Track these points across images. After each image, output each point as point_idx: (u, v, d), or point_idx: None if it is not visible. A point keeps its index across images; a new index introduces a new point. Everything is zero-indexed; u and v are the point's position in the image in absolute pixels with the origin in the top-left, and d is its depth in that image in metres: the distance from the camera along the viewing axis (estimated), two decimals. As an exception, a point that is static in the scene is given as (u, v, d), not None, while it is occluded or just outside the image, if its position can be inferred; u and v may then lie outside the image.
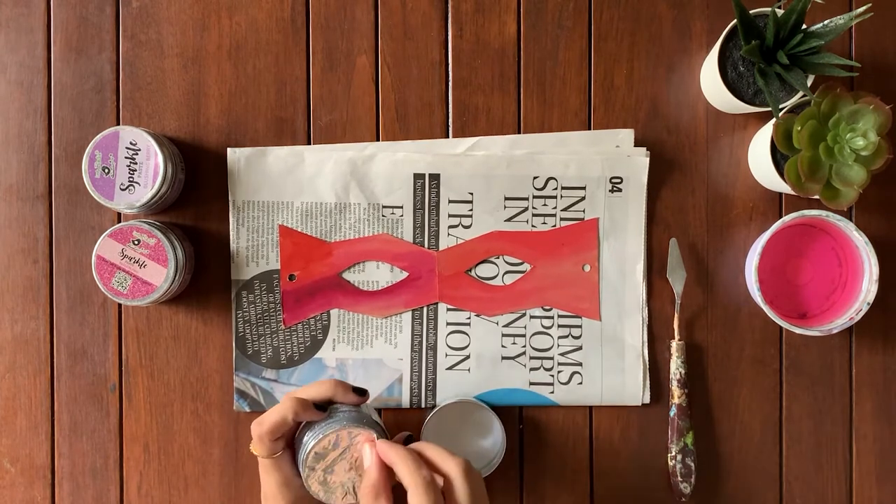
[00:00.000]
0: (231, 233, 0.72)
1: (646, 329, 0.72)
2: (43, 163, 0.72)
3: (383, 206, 0.72)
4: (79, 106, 0.72)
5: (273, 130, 0.72)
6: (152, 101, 0.72)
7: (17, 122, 0.72)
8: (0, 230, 0.72)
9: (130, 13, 0.72)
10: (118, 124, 0.72)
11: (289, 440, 0.61)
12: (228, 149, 0.72)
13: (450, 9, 0.73)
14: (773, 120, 0.66)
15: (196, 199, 0.72)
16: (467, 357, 0.72)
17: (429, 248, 0.72)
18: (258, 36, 0.73)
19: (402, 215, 0.72)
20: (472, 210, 0.72)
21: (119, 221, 0.72)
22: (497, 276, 0.72)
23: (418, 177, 0.72)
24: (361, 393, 0.62)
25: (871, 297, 0.68)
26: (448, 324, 0.72)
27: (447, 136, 0.73)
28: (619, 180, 0.72)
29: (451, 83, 0.73)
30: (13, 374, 0.72)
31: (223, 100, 0.72)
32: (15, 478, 0.72)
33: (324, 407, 0.61)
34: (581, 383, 0.72)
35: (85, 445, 0.72)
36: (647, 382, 0.72)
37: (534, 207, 0.72)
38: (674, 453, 0.71)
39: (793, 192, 0.66)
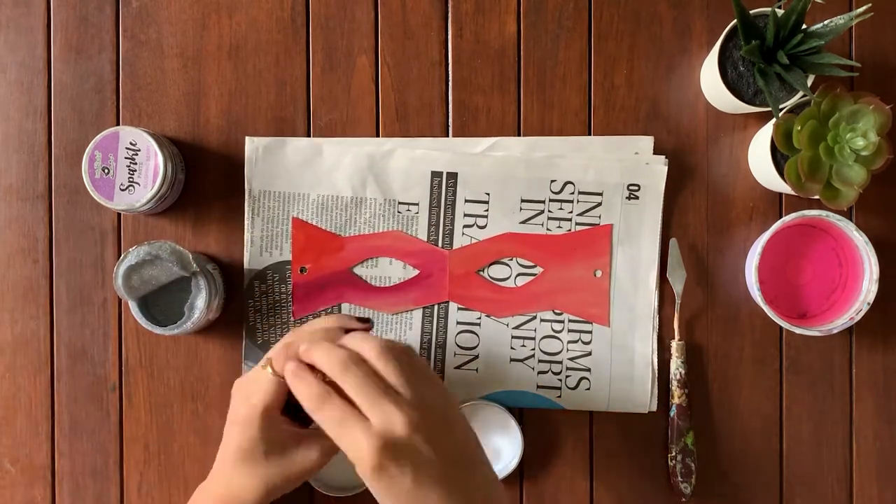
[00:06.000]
0: (245, 221, 0.72)
1: (656, 337, 0.72)
2: (43, 163, 0.72)
3: (399, 203, 0.72)
4: (79, 106, 0.72)
5: (273, 130, 0.72)
6: (152, 101, 0.72)
7: (17, 122, 0.72)
8: (0, 230, 0.72)
9: (130, 13, 0.72)
10: (118, 124, 0.72)
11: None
12: (247, 137, 0.72)
13: (450, 9, 0.73)
14: (773, 120, 0.66)
15: (196, 199, 0.72)
16: (476, 357, 0.72)
17: (443, 247, 0.72)
18: (258, 36, 0.72)
19: (417, 212, 0.72)
20: (487, 210, 0.72)
21: (119, 222, 0.72)
22: (509, 277, 0.72)
23: (436, 174, 0.72)
24: (366, 321, 0.61)
25: (871, 298, 0.68)
26: (458, 323, 0.72)
27: (447, 136, 0.73)
28: (636, 188, 0.72)
29: (451, 83, 0.73)
30: (13, 374, 0.72)
31: (223, 100, 0.72)
32: (15, 478, 0.72)
33: None
34: (589, 389, 0.72)
35: (85, 445, 0.72)
36: (656, 391, 0.72)
37: (550, 211, 0.72)
38: (674, 453, 0.71)
39: (793, 193, 0.66)
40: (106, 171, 0.67)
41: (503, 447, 0.70)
